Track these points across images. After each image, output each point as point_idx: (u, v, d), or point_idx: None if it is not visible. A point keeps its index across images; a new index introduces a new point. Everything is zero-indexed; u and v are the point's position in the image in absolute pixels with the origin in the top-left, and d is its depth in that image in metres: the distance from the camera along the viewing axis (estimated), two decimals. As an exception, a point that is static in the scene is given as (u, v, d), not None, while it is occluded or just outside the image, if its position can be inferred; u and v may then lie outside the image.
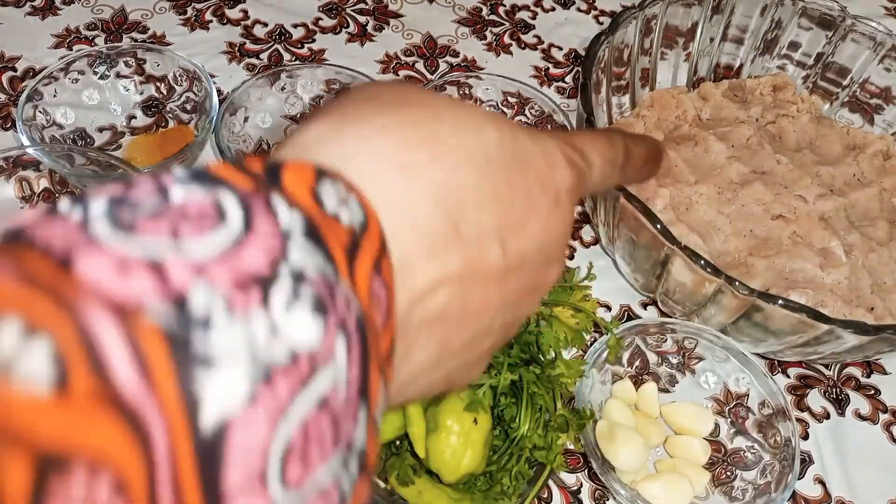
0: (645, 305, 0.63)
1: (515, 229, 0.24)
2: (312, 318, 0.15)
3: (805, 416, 0.58)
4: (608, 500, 0.53)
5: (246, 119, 0.67)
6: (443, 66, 0.79)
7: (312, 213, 0.17)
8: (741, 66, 0.75)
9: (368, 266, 0.18)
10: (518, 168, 0.24)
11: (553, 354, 0.49)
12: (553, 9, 0.87)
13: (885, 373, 0.61)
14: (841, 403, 0.59)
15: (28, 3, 0.79)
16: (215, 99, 0.65)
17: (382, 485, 0.48)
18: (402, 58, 0.79)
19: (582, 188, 0.28)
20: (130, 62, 0.69)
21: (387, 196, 0.20)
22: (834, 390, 0.60)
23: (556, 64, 0.81)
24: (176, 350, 0.13)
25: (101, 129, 0.68)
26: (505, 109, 0.71)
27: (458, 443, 0.44)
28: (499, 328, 0.25)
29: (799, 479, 0.55)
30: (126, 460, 0.12)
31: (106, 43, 0.76)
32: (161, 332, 0.13)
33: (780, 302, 0.48)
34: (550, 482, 0.53)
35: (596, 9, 0.87)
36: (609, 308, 0.63)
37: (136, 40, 0.77)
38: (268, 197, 0.16)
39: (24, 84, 0.72)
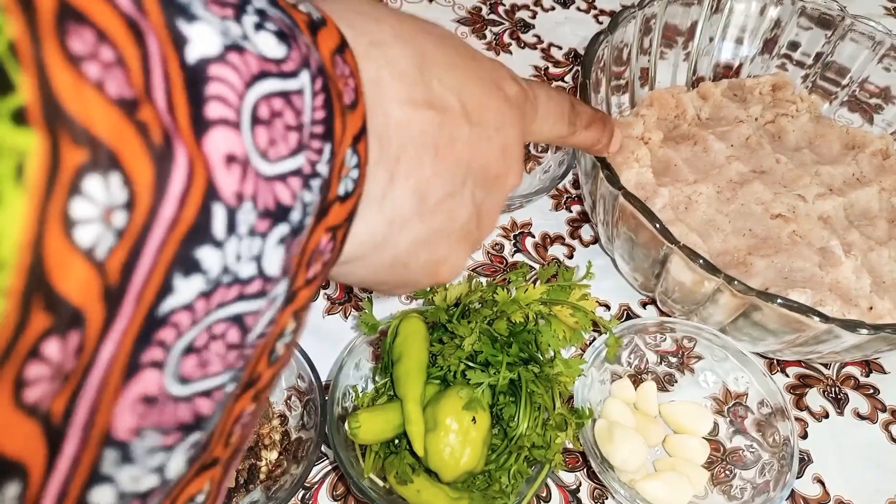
0: (644, 304, 0.63)
1: (473, 99, 0.27)
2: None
3: (804, 415, 0.58)
4: (607, 499, 0.53)
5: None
6: (442, 66, 0.79)
7: None
8: (740, 65, 0.75)
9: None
10: (471, 57, 0.28)
11: (552, 353, 0.49)
12: (553, 8, 0.87)
13: (884, 372, 0.61)
14: (840, 403, 0.59)
15: (27, 2, 0.79)
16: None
17: (381, 483, 0.48)
18: (402, 57, 0.79)
19: (528, 106, 0.31)
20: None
21: (357, 27, 0.23)
22: (833, 389, 0.60)
23: (556, 63, 0.81)
24: (180, 253, 0.16)
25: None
26: (504, 108, 0.71)
27: (457, 441, 0.44)
28: (470, 199, 0.28)
29: (798, 478, 0.55)
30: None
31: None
32: (189, 232, 0.16)
33: (779, 301, 0.48)
34: (549, 481, 0.53)
35: (595, 8, 0.87)
36: (608, 307, 0.63)
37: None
38: None
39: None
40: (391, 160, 0.24)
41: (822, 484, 0.55)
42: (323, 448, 0.51)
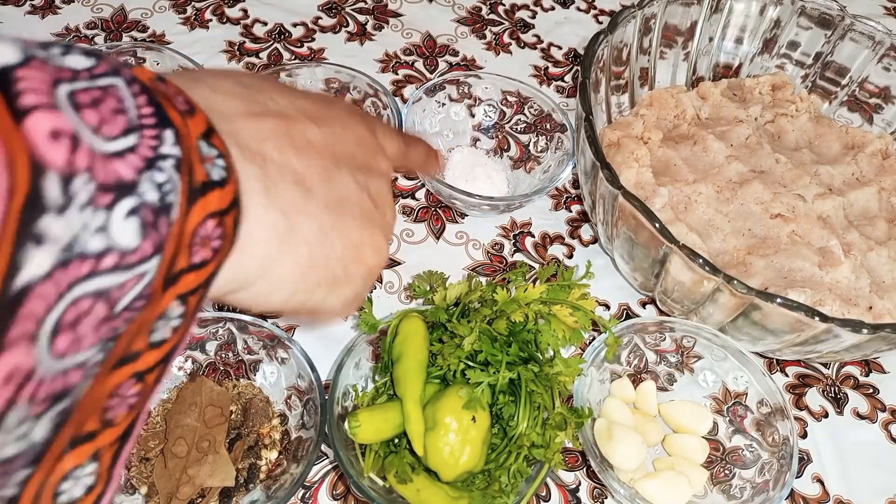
0: (643, 304, 0.63)
1: (310, 109, 0.31)
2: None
3: (803, 414, 0.58)
4: (607, 498, 0.53)
5: (245, 118, 0.67)
6: (442, 66, 0.79)
7: (153, 86, 0.22)
8: (740, 65, 0.75)
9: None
10: (294, 88, 0.32)
11: (551, 353, 0.49)
12: (552, 8, 0.87)
13: (883, 372, 0.61)
14: (839, 402, 0.59)
15: (28, 2, 0.79)
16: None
17: (381, 482, 0.48)
18: (402, 57, 0.79)
19: (364, 113, 0.35)
20: (130, 61, 0.69)
21: (172, 78, 0.26)
22: (832, 389, 0.60)
23: (556, 63, 0.81)
24: (23, 223, 0.17)
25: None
26: (504, 108, 0.71)
27: (457, 441, 0.44)
28: (353, 181, 0.32)
29: (797, 477, 0.55)
30: None
31: (106, 42, 0.76)
32: (26, 201, 0.17)
33: (779, 300, 0.48)
34: (549, 480, 0.53)
35: (595, 8, 0.87)
36: (608, 307, 0.63)
37: (135, 39, 0.77)
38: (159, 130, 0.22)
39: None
40: (256, 157, 0.27)
41: (822, 483, 0.55)
42: (323, 447, 0.51)
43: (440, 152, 0.47)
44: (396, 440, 0.48)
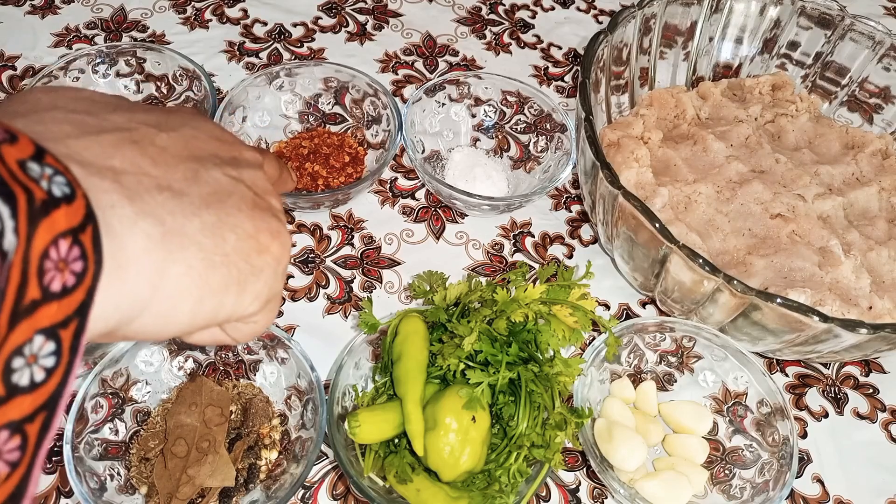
0: (643, 304, 0.63)
1: (150, 118, 0.29)
2: None
3: (803, 414, 0.58)
4: (607, 498, 0.53)
5: (244, 118, 0.67)
6: (442, 66, 0.79)
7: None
8: (740, 65, 0.75)
9: (23, 154, 0.21)
10: (121, 99, 0.31)
11: (551, 353, 0.49)
12: (552, 8, 0.87)
13: (883, 372, 0.61)
14: (839, 402, 0.59)
15: (28, 2, 0.79)
16: (214, 98, 0.65)
17: (381, 482, 0.48)
18: (402, 57, 0.79)
19: (220, 127, 0.33)
20: (130, 61, 0.69)
21: (22, 123, 0.26)
22: (832, 389, 0.60)
23: (556, 63, 0.81)
24: None
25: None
26: (504, 108, 0.71)
27: (457, 441, 0.44)
28: (223, 174, 0.30)
29: (797, 477, 0.55)
30: None
31: (106, 42, 0.76)
32: None
33: (779, 300, 0.48)
34: (549, 480, 0.53)
35: (595, 8, 0.87)
36: (608, 307, 0.63)
37: (135, 39, 0.77)
38: None
39: (23, 83, 0.72)
40: (105, 171, 0.25)
41: (822, 483, 0.55)
42: (323, 447, 0.51)
43: (292, 170, 0.44)
44: (396, 440, 0.48)
